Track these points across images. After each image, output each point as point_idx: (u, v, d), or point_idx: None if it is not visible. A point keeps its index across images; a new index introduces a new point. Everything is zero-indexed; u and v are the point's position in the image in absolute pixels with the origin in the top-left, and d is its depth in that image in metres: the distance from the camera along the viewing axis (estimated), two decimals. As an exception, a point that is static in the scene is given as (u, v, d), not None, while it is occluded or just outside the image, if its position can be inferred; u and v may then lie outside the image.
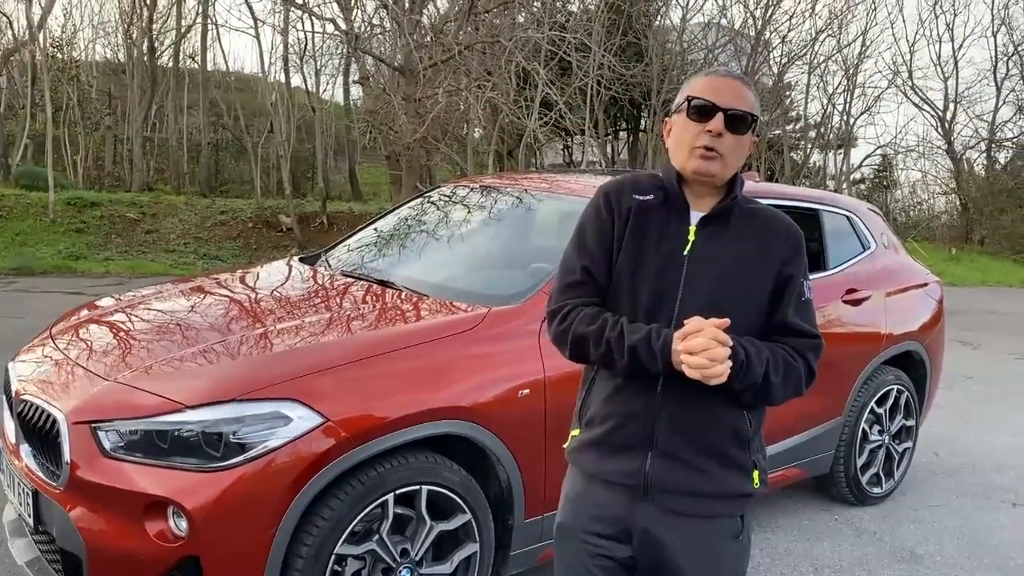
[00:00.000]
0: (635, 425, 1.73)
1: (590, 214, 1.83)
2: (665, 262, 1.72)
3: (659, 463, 1.71)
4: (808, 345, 1.74)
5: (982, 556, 3.80)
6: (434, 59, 12.43)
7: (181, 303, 3.35)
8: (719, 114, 1.69)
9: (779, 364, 1.67)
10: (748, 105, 1.73)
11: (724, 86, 1.73)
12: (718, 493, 1.74)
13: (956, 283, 15.72)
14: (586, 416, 1.83)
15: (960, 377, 7.18)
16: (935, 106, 25.17)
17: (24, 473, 2.64)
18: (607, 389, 1.78)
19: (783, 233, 1.77)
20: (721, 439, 1.73)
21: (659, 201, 1.78)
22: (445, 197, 4.45)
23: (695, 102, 1.72)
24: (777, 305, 1.74)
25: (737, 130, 1.71)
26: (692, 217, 1.75)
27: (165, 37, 23.85)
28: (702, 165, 1.70)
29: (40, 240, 13.23)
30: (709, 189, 1.76)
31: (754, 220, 1.78)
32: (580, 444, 1.84)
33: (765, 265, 1.74)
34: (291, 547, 2.40)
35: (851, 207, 4.53)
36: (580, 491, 1.83)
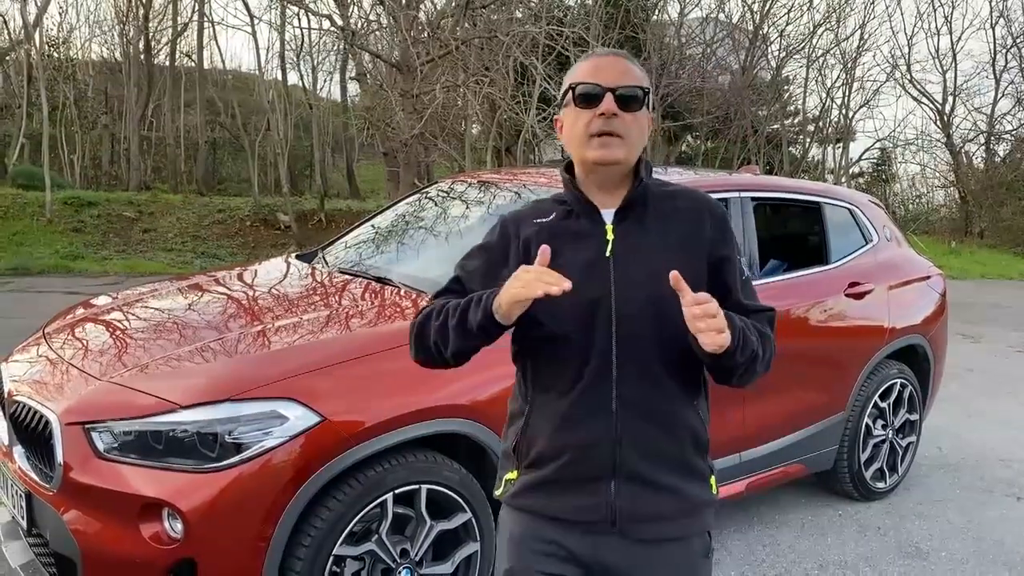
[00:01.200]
0: (596, 454, 1.57)
1: (483, 243, 1.72)
2: (589, 271, 1.57)
3: (625, 490, 1.57)
4: (766, 319, 1.66)
5: (987, 551, 3.76)
6: (431, 55, 12.38)
7: (178, 301, 3.32)
8: (608, 95, 1.57)
9: (758, 335, 1.58)
10: (636, 79, 1.61)
11: (607, 65, 1.61)
12: (686, 510, 1.62)
13: (956, 276, 15.69)
14: (528, 456, 1.63)
15: (962, 370, 7.15)
16: (934, 99, 25.14)
17: (17, 475, 2.60)
18: (552, 421, 1.60)
19: (707, 213, 1.66)
20: (683, 450, 1.61)
21: (562, 215, 1.65)
22: (443, 193, 4.40)
23: (580, 88, 1.59)
24: (724, 289, 1.62)
25: (630, 108, 1.59)
26: (605, 216, 1.63)
27: (161, 35, 23.81)
28: (603, 153, 1.57)
29: (37, 240, 13.18)
30: (615, 180, 1.63)
31: (674, 202, 1.67)
32: (522, 488, 1.65)
33: (694, 248, 1.62)
34: (288, 548, 2.37)
35: (853, 200, 4.49)
36: (526, 530, 1.64)
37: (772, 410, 3.64)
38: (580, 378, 1.57)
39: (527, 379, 1.67)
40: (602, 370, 1.55)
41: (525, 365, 1.67)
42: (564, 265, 1.53)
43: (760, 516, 4.04)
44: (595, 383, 1.56)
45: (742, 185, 3.82)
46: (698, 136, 23.81)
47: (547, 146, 20.19)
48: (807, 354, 3.82)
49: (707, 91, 20.94)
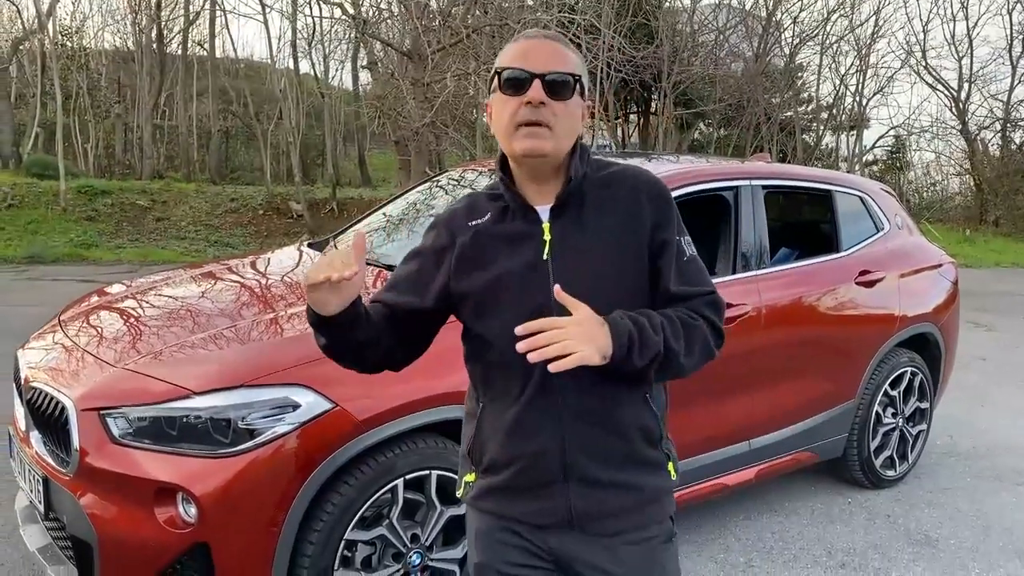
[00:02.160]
0: (546, 462, 1.54)
1: (418, 246, 1.65)
2: (527, 275, 1.50)
3: (579, 492, 1.55)
4: (703, 302, 1.55)
5: (997, 539, 3.76)
6: (442, 43, 12.36)
7: (191, 289, 3.35)
8: (535, 81, 1.46)
9: (678, 328, 1.48)
10: (568, 65, 1.50)
11: (536, 49, 1.50)
12: (644, 501, 1.59)
13: (970, 264, 15.60)
14: (483, 462, 1.61)
15: (974, 359, 7.12)
16: (949, 86, 24.92)
17: (34, 460, 2.64)
18: (502, 428, 1.56)
19: (644, 196, 1.56)
20: (634, 445, 1.56)
21: (497, 215, 1.57)
22: (454, 181, 4.42)
23: (507, 73, 1.49)
24: (657, 276, 1.55)
25: (560, 95, 1.48)
26: (541, 214, 1.54)
27: (174, 24, 23.87)
28: (530, 144, 1.47)
29: (52, 228, 13.29)
30: (548, 172, 1.53)
31: (611, 190, 1.56)
32: (481, 491, 1.63)
33: (636, 236, 1.53)
34: (301, 533, 2.41)
35: (864, 187, 4.48)
36: (491, 526, 1.63)
37: (782, 398, 3.65)
38: (526, 387, 1.52)
39: (476, 384, 1.64)
40: (546, 380, 1.47)
41: (474, 370, 1.63)
42: (502, 273, 1.51)
43: (769, 503, 4.05)
44: (541, 392, 1.51)
45: (754, 173, 3.82)
46: (710, 124, 23.69)
47: (558, 134, 20.07)
48: (818, 342, 3.83)
49: (720, 78, 20.83)
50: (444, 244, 1.59)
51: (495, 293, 1.52)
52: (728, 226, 3.64)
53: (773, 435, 3.68)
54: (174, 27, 23.91)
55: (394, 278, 1.65)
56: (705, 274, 1.61)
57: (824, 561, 3.49)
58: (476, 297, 1.54)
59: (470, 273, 1.55)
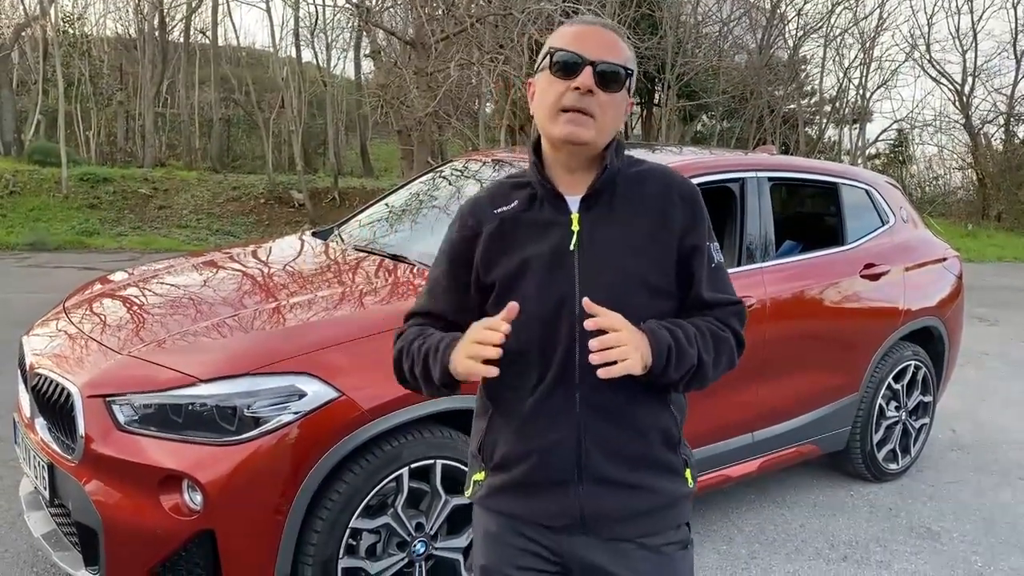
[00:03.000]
0: (560, 458, 1.50)
1: (445, 239, 1.62)
2: (552, 265, 1.48)
3: (592, 493, 1.50)
4: (731, 312, 1.55)
5: (999, 533, 3.77)
6: (446, 32, 12.32)
7: (194, 277, 3.34)
8: (587, 68, 1.44)
9: (708, 341, 1.48)
10: (622, 57, 1.48)
11: (593, 36, 1.48)
12: (659, 506, 1.55)
13: (973, 259, 15.58)
14: (493, 459, 1.57)
15: (977, 353, 7.12)
16: (953, 80, 24.85)
17: (39, 446, 2.64)
18: (515, 423, 1.52)
19: (677, 196, 1.54)
20: (652, 447, 1.53)
21: (525, 203, 1.54)
22: (458, 171, 4.41)
23: (559, 55, 1.46)
24: (688, 281, 1.53)
25: (609, 87, 1.46)
26: (571, 204, 1.51)
27: (176, 12, 23.80)
28: (571, 131, 1.45)
29: (53, 216, 13.28)
30: (583, 162, 1.52)
31: (643, 187, 1.54)
32: (491, 490, 1.59)
33: (664, 238, 1.51)
34: (306, 521, 2.41)
35: (870, 180, 4.47)
36: (501, 528, 1.58)
37: (786, 390, 3.65)
38: (542, 380, 1.49)
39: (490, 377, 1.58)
40: (564, 372, 1.47)
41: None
42: (527, 259, 1.49)
43: (772, 495, 4.05)
44: (557, 385, 1.48)
45: (759, 165, 3.81)
46: (713, 116, 23.65)
47: (561, 125, 20.02)
48: (822, 335, 3.82)
49: (723, 70, 20.75)
50: (470, 234, 1.56)
51: (518, 280, 1.49)
52: (733, 218, 3.63)
53: (776, 427, 3.68)
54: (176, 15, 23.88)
55: (431, 283, 1.63)
56: (730, 282, 1.60)
57: (827, 553, 3.50)
58: (500, 284, 1.51)
59: (497, 260, 1.52)
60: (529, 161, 1.56)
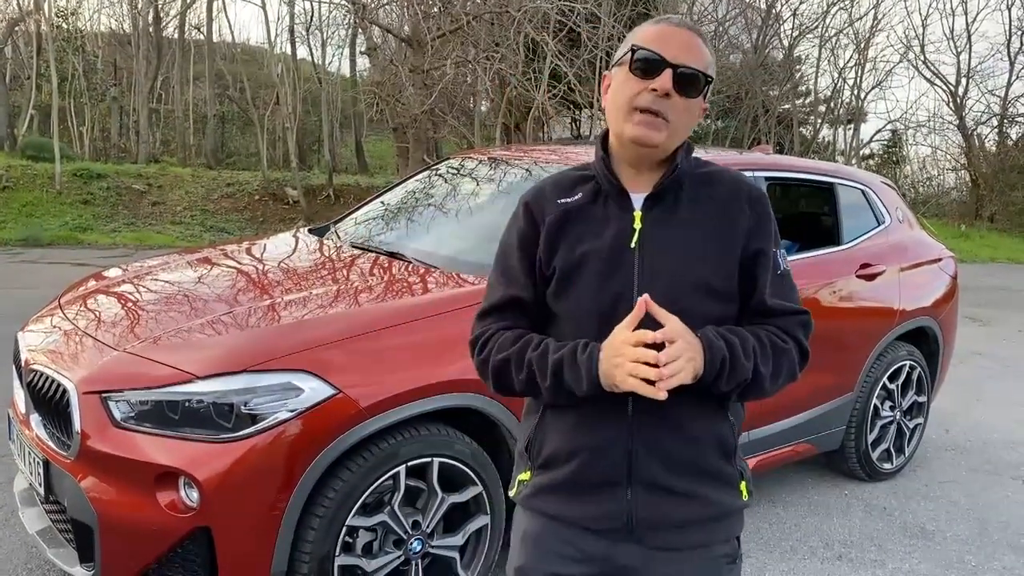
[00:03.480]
0: (609, 458, 1.46)
1: (511, 229, 1.59)
2: (611, 262, 1.45)
3: (643, 497, 1.46)
4: (796, 322, 1.52)
5: (992, 533, 3.78)
6: (442, 29, 12.31)
7: (191, 274, 3.33)
8: (667, 70, 1.41)
9: (768, 353, 1.44)
10: (703, 63, 1.45)
11: (676, 37, 1.44)
12: (711, 517, 1.51)
13: (966, 260, 15.63)
14: (540, 457, 1.53)
15: (970, 354, 7.15)
16: (947, 81, 24.93)
17: (34, 443, 2.63)
18: (566, 423, 1.49)
19: (745, 200, 1.51)
20: (706, 456, 1.49)
21: (589, 196, 1.52)
22: (454, 169, 4.40)
23: (640, 53, 1.43)
24: (752, 286, 1.50)
25: (687, 92, 1.44)
26: (635, 201, 1.49)
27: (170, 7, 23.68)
28: (643, 133, 1.43)
29: (47, 211, 13.23)
30: (650, 162, 1.50)
31: (710, 189, 1.52)
32: (536, 490, 1.55)
33: (728, 241, 1.48)
34: (302, 518, 2.40)
35: (866, 180, 4.48)
36: (542, 529, 1.54)
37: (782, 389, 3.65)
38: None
39: None
40: None
41: None
42: (587, 253, 1.47)
43: (767, 494, 4.06)
44: None
45: (754, 164, 3.81)
46: (708, 115, 23.66)
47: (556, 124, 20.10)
48: (817, 335, 3.73)
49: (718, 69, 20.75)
50: (535, 223, 1.54)
51: (575, 274, 1.47)
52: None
53: (772, 426, 3.68)
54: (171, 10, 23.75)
55: (506, 272, 1.57)
56: (796, 291, 1.57)
57: (821, 552, 3.51)
58: (558, 276, 1.49)
59: (556, 251, 1.49)
60: (596, 155, 1.54)
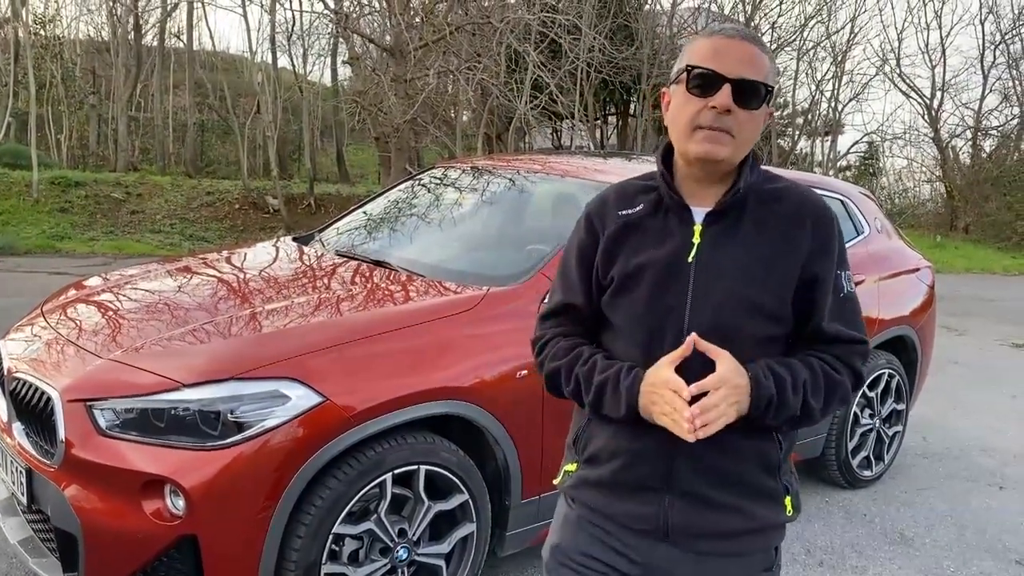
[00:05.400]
0: (649, 463, 1.47)
1: (573, 238, 1.61)
2: (666, 274, 1.45)
3: (680, 505, 1.47)
4: (856, 351, 1.48)
5: (971, 538, 3.84)
6: (424, 40, 12.34)
7: (174, 282, 3.31)
8: (725, 86, 1.39)
9: (820, 385, 1.41)
10: (762, 73, 1.42)
11: (731, 49, 1.41)
12: (749, 529, 1.49)
13: (941, 270, 15.77)
14: (586, 452, 1.56)
15: (947, 363, 7.23)
16: (922, 94, 25.27)
17: (17, 451, 2.61)
18: (612, 422, 1.50)
19: (811, 219, 1.46)
20: (749, 469, 1.48)
21: (650, 208, 1.51)
22: (437, 179, 4.42)
23: (696, 72, 1.41)
24: (810, 309, 1.46)
25: (748, 104, 1.40)
26: (696, 215, 1.47)
27: (150, 15, 23.56)
28: (707, 149, 1.41)
29: (23, 220, 13.08)
30: (715, 177, 1.48)
31: (777, 206, 1.48)
32: (579, 482, 1.58)
33: (787, 262, 1.44)
34: (289, 526, 2.40)
35: (845, 191, 4.54)
36: (582, 516, 1.58)
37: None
38: None
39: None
40: None
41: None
42: (643, 264, 1.47)
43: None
44: None
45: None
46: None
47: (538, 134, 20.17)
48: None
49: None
50: (595, 233, 1.54)
51: (631, 284, 1.47)
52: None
53: (754, 434, 3.71)
54: (150, 18, 23.63)
55: (567, 280, 1.60)
56: (861, 317, 1.53)
57: (803, 559, 3.54)
58: (614, 285, 1.50)
59: (614, 261, 1.50)
60: (657, 171, 1.53)
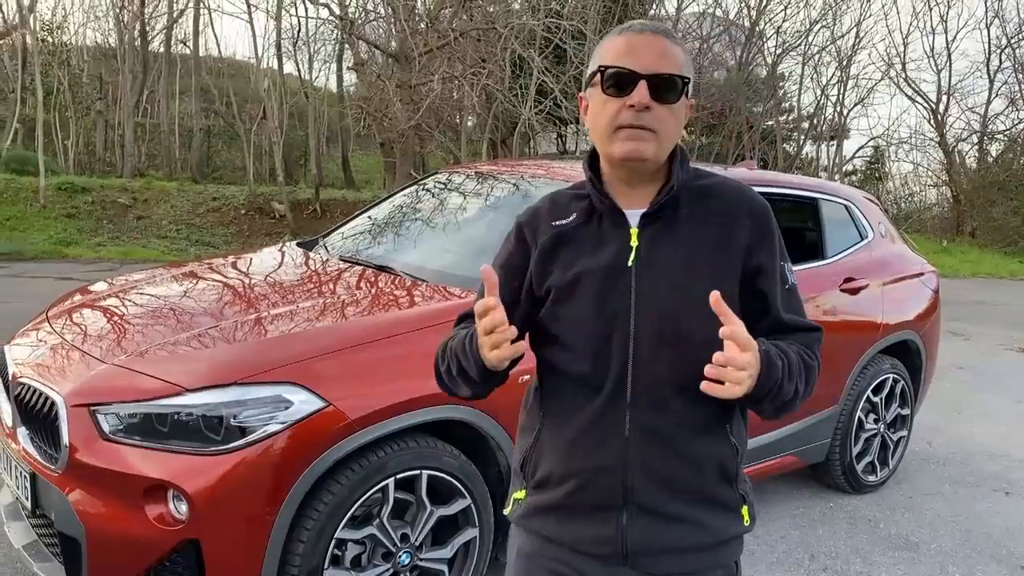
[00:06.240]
0: (605, 481, 1.42)
1: (502, 248, 1.56)
2: (607, 281, 1.40)
3: (638, 523, 1.42)
4: (815, 339, 1.47)
5: (976, 544, 3.82)
6: (429, 46, 12.39)
7: (181, 287, 3.33)
8: (641, 83, 1.35)
9: (803, 373, 1.39)
10: (676, 65, 1.38)
11: (643, 45, 1.37)
12: (709, 544, 1.47)
13: (947, 275, 15.78)
14: (536, 476, 1.50)
15: (952, 368, 7.22)
16: (928, 98, 25.26)
17: (21, 456, 2.62)
18: (563, 442, 1.46)
19: (746, 212, 1.45)
20: (707, 480, 1.44)
21: (584, 216, 1.48)
22: (441, 184, 4.43)
23: (610, 72, 1.37)
24: (760, 303, 1.44)
25: (667, 98, 1.37)
26: (630, 218, 1.43)
27: (157, 22, 23.67)
28: (631, 148, 1.37)
29: (31, 225, 13.15)
30: (644, 177, 1.44)
31: (711, 201, 1.45)
32: (530, 510, 1.52)
33: (729, 256, 1.42)
34: (291, 531, 2.40)
35: (849, 196, 4.54)
36: (538, 549, 1.52)
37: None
38: (592, 400, 1.42)
39: (541, 391, 1.53)
40: (616, 393, 1.40)
41: (541, 373, 1.53)
42: (581, 274, 1.43)
43: (752, 507, 4.08)
44: (608, 406, 1.41)
45: (741, 180, 3.84)
46: (693, 131, 23.83)
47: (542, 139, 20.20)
48: (802, 348, 3.86)
49: (703, 86, 20.98)
50: (526, 246, 1.51)
51: (571, 296, 1.43)
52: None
53: (757, 439, 3.70)
54: (157, 24, 23.74)
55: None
56: (802, 304, 1.52)
57: (807, 564, 3.53)
58: (552, 296, 1.45)
59: (550, 273, 1.46)
60: (585, 176, 1.49)
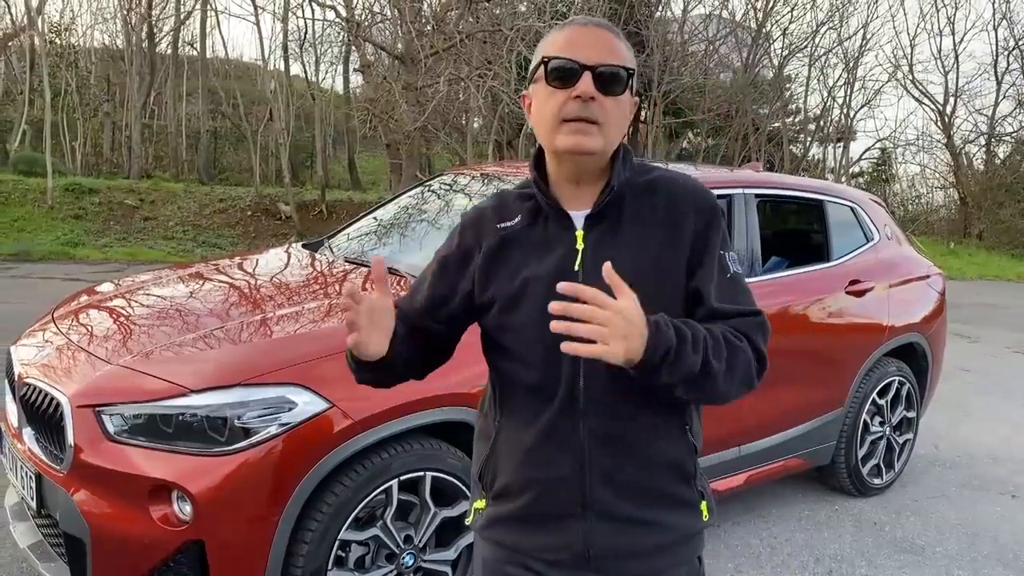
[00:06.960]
0: (564, 491, 1.41)
1: (444, 246, 1.54)
2: (554, 288, 1.31)
3: (599, 529, 1.41)
4: (750, 323, 1.40)
5: (982, 547, 3.81)
6: (435, 47, 12.39)
7: (182, 289, 3.34)
8: (586, 74, 1.34)
9: (721, 347, 1.32)
10: (620, 57, 1.38)
11: (586, 38, 1.37)
12: (671, 542, 1.46)
13: (954, 277, 15.74)
14: (494, 487, 1.49)
15: (958, 370, 7.19)
16: (935, 100, 25.21)
17: (27, 456, 2.63)
18: (518, 451, 1.44)
19: (691, 205, 1.42)
20: (666, 481, 1.44)
21: (529, 218, 1.45)
22: (447, 185, 4.43)
23: (554, 63, 1.36)
24: (696, 294, 1.41)
25: (612, 90, 1.36)
26: (575, 220, 1.42)
27: (164, 24, 23.77)
28: (576, 141, 1.35)
29: (38, 226, 13.20)
30: (589, 173, 1.42)
31: (654, 197, 1.43)
32: (491, 520, 1.50)
33: (675, 252, 1.40)
34: (295, 532, 2.41)
35: (855, 198, 4.52)
36: (501, 559, 1.50)
37: (772, 405, 3.68)
38: (546, 407, 1.40)
39: (495, 398, 1.51)
40: (568, 401, 1.38)
41: (493, 381, 1.51)
42: (528, 279, 1.40)
43: (757, 509, 4.08)
44: (561, 415, 1.39)
45: (745, 182, 3.85)
46: (699, 133, 23.83)
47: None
48: (808, 350, 3.86)
49: (709, 88, 20.97)
50: (469, 247, 1.49)
51: (518, 302, 1.41)
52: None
53: (763, 441, 3.71)
54: (164, 26, 23.84)
55: (415, 283, 1.57)
56: (751, 295, 1.46)
57: (812, 567, 3.52)
58: (499, 305, 1.43)
59: (495, 280, 1.44)
60: (531, 177, 1.47)
